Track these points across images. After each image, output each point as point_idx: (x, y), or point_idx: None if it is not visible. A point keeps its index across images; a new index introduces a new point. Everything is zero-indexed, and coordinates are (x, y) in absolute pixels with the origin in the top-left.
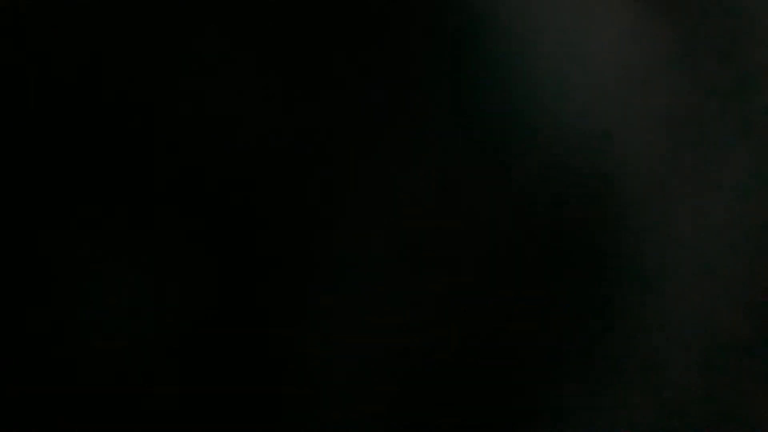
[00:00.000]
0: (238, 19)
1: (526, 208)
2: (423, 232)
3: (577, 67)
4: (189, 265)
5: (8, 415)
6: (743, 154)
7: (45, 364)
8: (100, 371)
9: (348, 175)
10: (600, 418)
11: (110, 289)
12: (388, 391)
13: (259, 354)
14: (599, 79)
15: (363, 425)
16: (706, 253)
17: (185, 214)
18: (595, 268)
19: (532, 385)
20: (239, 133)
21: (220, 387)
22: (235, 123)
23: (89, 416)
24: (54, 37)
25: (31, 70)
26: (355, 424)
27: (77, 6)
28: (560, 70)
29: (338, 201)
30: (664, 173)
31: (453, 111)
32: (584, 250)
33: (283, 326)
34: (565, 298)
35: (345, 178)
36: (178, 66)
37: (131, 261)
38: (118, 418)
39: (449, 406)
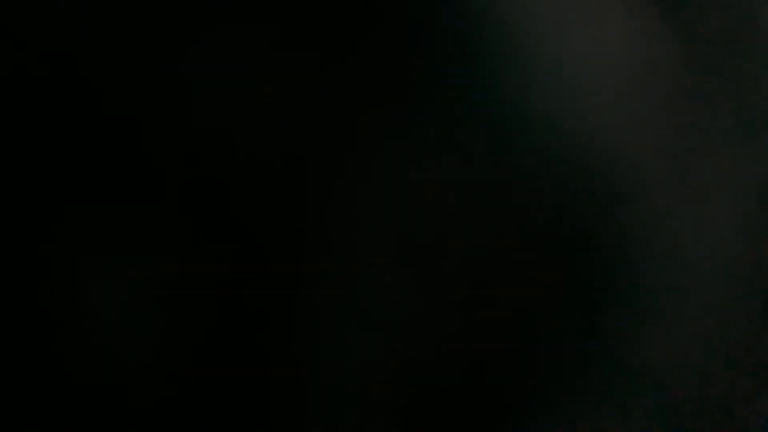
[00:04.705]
0: (234, 17)
1: (525, 209)
2: (421, 232)
3: (577, 67)
4: (186, 265)
5: (8, 415)
6: (745, 155)
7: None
8: (94, 372)
9: (346, 174)
10: (598, 419)
11: (104, 292)
12: (385, 392)
13: (255, 355)
14: (599, 79)
15: (361, 426)
16: (706, 254)
17: (181, 215)
18: (594, 269)
19: (528, 385)
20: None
21: (216, 388)
22: (230, 123)
23: (86, 416)
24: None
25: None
26: (353, 425)
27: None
28: (559, 71)
29: (336, 201)
30: (665, 174)
31: (453, 111)
32: (583, 251)
33: (279, 327)
34: (564, 297)
35: (342, 178)
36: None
37: (127, 261)
38: (115, 418)
39: (446, 406)
